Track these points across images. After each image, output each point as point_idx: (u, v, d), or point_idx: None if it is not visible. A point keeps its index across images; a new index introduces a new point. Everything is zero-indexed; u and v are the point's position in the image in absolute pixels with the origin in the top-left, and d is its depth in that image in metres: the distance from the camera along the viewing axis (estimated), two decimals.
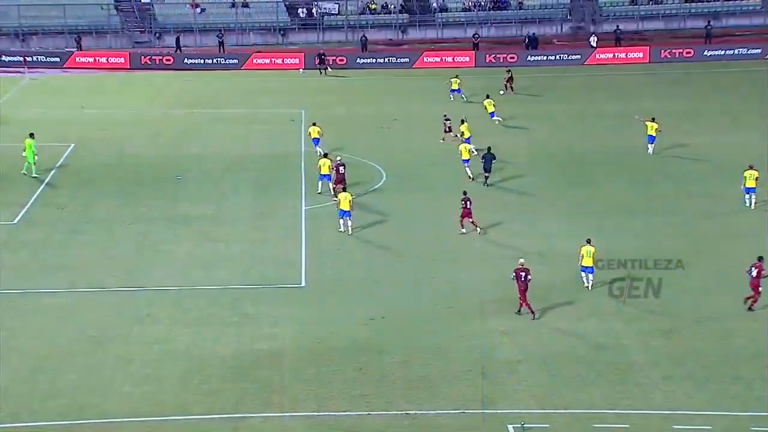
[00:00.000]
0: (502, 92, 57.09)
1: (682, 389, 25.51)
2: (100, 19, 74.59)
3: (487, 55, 70.03)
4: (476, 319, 29.47)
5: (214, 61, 68.60)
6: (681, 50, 69.68)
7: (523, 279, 29.30)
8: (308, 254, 34.22)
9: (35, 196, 39.81)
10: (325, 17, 79.09)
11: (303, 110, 54.48)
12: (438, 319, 29.53)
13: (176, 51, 70.31)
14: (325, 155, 41.26)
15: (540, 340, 28.18)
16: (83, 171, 43.46)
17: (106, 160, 45.31)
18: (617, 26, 75.28)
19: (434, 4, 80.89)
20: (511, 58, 68.82)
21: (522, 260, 29.89)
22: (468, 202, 35.95)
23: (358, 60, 68.42)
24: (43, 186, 41.08)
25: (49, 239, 35.38)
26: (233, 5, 77.76)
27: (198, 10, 76.80)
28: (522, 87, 59.40)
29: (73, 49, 70.03)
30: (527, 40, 72.73)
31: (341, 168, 39.94)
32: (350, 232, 35.92)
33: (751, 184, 38.02)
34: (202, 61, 68.28)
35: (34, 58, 66.75)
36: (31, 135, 42.96)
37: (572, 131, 51.12)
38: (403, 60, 69.24)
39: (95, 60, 67.74)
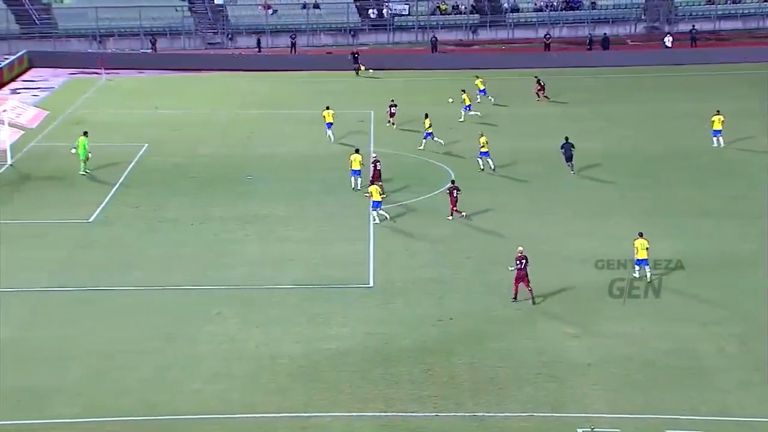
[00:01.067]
0: (476, 100, 54.98)
1: (760, 395, 24.83)
2: (174, 20, 75.76)
3: (557, 56, 69.40)
4: (545, 322, 29.12)
5: (286, 61, 69.11)
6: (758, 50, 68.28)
7: (522, 267, 29.81)
8: (376, 254, 34.20)
9: (110, 195, 40.49)
10: (396, 18, 79.14)
11: (371, 111, 54.55)
12: (506, 321, 29.25)
13: (258, 51, 71.02)
14: (357, 151, 41.23)
15: (610, 343, 27.72)
16: (156, 171, 44.08)
17: (178, 160, 45.92)
18: (693, 26, 73.98)
19: (505, 5, 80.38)
20: (589, 59, 68.07)
21: (521, 248, 30.32)
22: (456, 191, 37.00)
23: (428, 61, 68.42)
24: (117, 186, 41.77)
25: (123, 238, 35.93)
26: (304, 6, 78.28)
27: (270, 11, 77.49)
28: (592, 88, 58.64)
29: (148, 50, 71.25)
30: (589, 41, 71.91)
31: (378, 164, 40.12)
32: (378, 221, 36.57)
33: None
34: (275, 61, 68.74)
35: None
36: (85, 133, 43.81)
37: (644, 132, 50.32)
38: (472, 60, 69.00)
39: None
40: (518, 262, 30.08)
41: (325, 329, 28.72)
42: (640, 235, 31.64)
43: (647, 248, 31.25)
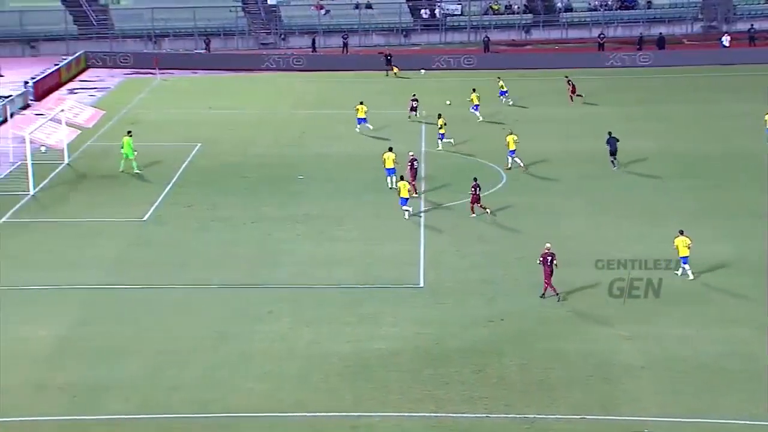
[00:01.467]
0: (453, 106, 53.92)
1: None
2: (228, 21, 76.49)
3: (610, 55, 68.79)
4: (597, 323, 28.89)
5: (338, 62, 69.38)
6: None
7: (549, 263, 29.98)
8: (426, 255, 34.18)
9: (163, 194, 40.97)
10: (448, 18, 79.04)
11: (424, 111, 54.52)
12: (557, 323, 29.06)
13: (312, 51, 71.40)
14: (390, 149, 41.23)
15: (664, 346, 27.41)
16: (209, 170, 44.51)
17: (231, 159, 46.33)
18: (751, 25, 72.82)
19: (559, 4, 79.87)
20: (644, 59, 67.37)
21: (548, 245, 30.39)
22: (478, 189, 37.19)
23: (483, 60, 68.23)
24: (170, 185, 42.25)
25: (176, 236, 36.34)
26: (357, 7, 78.53)
27: (323, 11, 77.85)
28: (647, 88, 57.99)
29: (202, 51, 72.02)
30: (639, 41, 71.13)
31: (415, 163, 40.23)
32: (407, 217, 37.00)
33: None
34: (327, 61, 69.05)
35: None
36: (129, 133, 44.49)
37: (699, 132, 49.69)
38: (525, 60, 68.67)
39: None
40: (542, 258, 30.20)
41: (375, 329, 28.77)
42: (681, 233, 31.59)
43: (689, 246, 31.19)
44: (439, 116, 47.51)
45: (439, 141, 46.96)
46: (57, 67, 63.80)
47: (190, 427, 23.75)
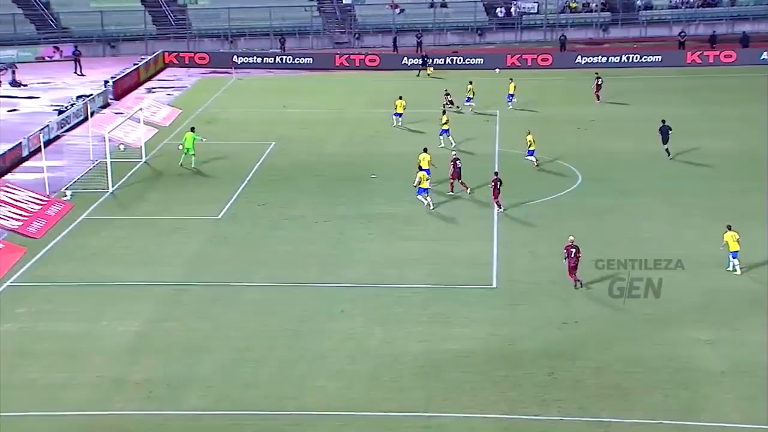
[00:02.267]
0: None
1: None
2: (303, 20, 77.15)
3: (690, 53, 67.60)
4: (676, 328, 28.44)
5: (413, 62, 69.44)
6: None
7: (573, 255, 30.74)
8: (500, 255, 34.04)
9: (238, 192, 41.49)
10: (524, 16, 78.56)
11: (497, 111, 54.34)
12: (634, 326, 28.69)
13: (394, 51, 71.62)
14: (425, 150, 41.11)
15: (745, 351, 26.86)
16: (283, 169, 44.94)
17: (305, 158, 46.71)
18: None
19: (638, 2, 78.77)
20: (727, 56, 66.11)
21: (572, 237, 31.25)
22: (499, 183, 37.60)
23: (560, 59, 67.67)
24: (245, 183, 42.78)
25: (251, 234, 36.77)
26: (432, 5, 78.52)
27: (397, 10, 78.02)
28: (730, 87, 56.84)
29: (277, 50, 72.78)
30: (711, 38, 69.68)
31: (458, 162, 40.13)
32: (432, 207, 37.84)
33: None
34: (408, 61, 69.13)
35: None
36: (192, 129, 45.33)
37: None
38: (602, 59, 67.90)
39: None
40: (566, 251, 30.83)
41: (447, 329, 28.75)
42: (729, 228, 31.79)
43: (738, 240, 31.30)
44: (444, 113, 48.09)
45: (449, 137, 46.99)
46: (136, 66, 65.09)
47: (264, 424, 24.02)
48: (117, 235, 36.69)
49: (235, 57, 69.80)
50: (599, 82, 55.95)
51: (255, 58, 70.50)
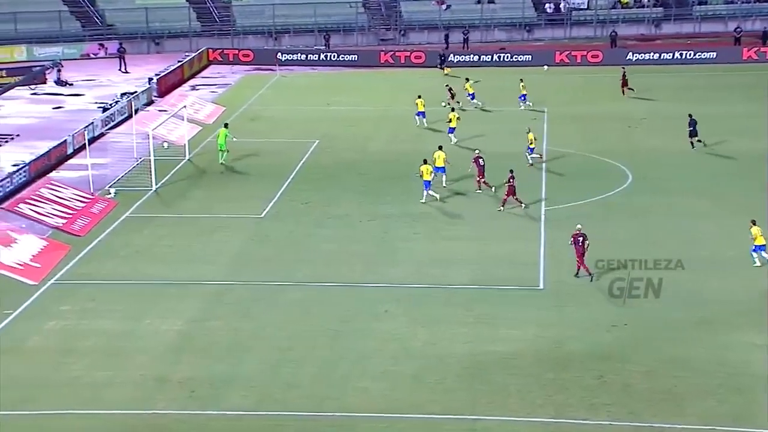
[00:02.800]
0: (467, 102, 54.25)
1: None
2: (348, 17, 77.27)
3: (746, 50, 66.60)
4: (729, 331, 28.02)
5: (459, 58, 69.26)
6: None
7: (580, 243, 31.14)
8: (546, 255, 33.78)
9: (281, 190, 41.63)
10: (573, 12, 77.97)
11: (545, 108, 53.99)
12: (686, 329, 28.31)
13: (445, 48, 71.36)
14: (440, 147, 41.14)
15: None
16: (327, 167, 45.02)
17: (349, 156, 46.74)
18: None
19: None
20: None
21: (579, 226, 31.78)
22: (513, 180, 37.64)
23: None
24: (288, 181, 42.91)
25: (294, 233, 36.87)
26: (479, 1, 78.21)
27: (443, 6, 77.83)
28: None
29: (322, 47, 72.99)
30: (764, 35, 68.49)
31: (480, 160, 40.07)
32: (438, 198, 38.62)
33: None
34: (455, 59, 68.96)
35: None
36: (226, 125, 45.78)
37: None
38: (654, 56, 67.18)
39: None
40: (573, 239, 31.32)
41: (492, 330, 28.59)
42: (753, 222, 32.29)
43: (762, 234, 31.66)
44: (452, 109, 48.52)
45: (451, 135, 47.20)
46: (180, 63, 65.61)
47: (306, 425, 24.06)
48: (160, 233, 36.99)
49: (280, 54, 70.09)
50: (625, 77, 56.03)
51: (299, 55, 70.74)
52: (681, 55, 67.12)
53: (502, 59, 68.49)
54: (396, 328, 28.83)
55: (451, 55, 69.43)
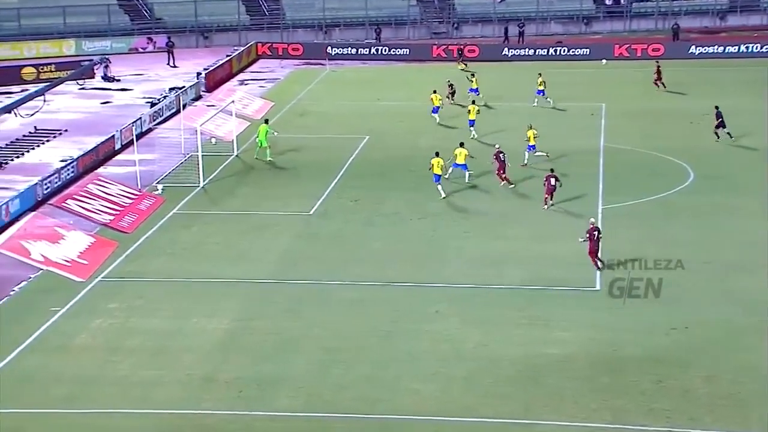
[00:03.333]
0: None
1: None
2: (400, 10, 77.32)
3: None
4: None
5: (513, 52, 68.97)
6: None
7: (595, 239, 31.69)
8: (603, 255, 33.46)
9: (330, 187, 41.81)
10: (634, 4, 77.25)
11: (603, 104, 53.59)
12: (750, 333, 27.96)
13: (504, 41, 71.09)
14: (461, 144, 41.44)
15: None
16: (377, 164, 45.11)
17: (399, 152, 46.78)
18: None
19: None
20: None
21: (593, 219, 32.73)
22: (555, 180, 37.85)
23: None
24: (338, 178, 43.09)
25: (342, 231, 37.03)
26: None
27: None
28: None
29: (373, 40, 73.14)
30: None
31: (501, 156, 40.27)
32: (443, 196, 39.05)
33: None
34: (508, 52, 68.74)
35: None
36: (266, 121, 46.36)
37: None
38: (718, 49, 66.34)
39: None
40: (588, 234, 31.76)
41: (547, 332, 28.48)
42: None
43: None
44: (473, 102, 48.99)
45: (471, 128, 47.73)
46: (228, 57, 66.20)
47: (356, 427, 24.16)
48: (207, 230, 37.38)
49: (329, 48, 70.38)
50: (659, 71, 55.82)
51: (349, 48, 70.97)
52: (747, 48, 66.16)
53: (558, 53, 68.10)
54: (447, 329, 28.85)
55: (506, 49, 69.17)
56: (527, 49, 69.21)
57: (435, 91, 51.40)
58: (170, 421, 24.45)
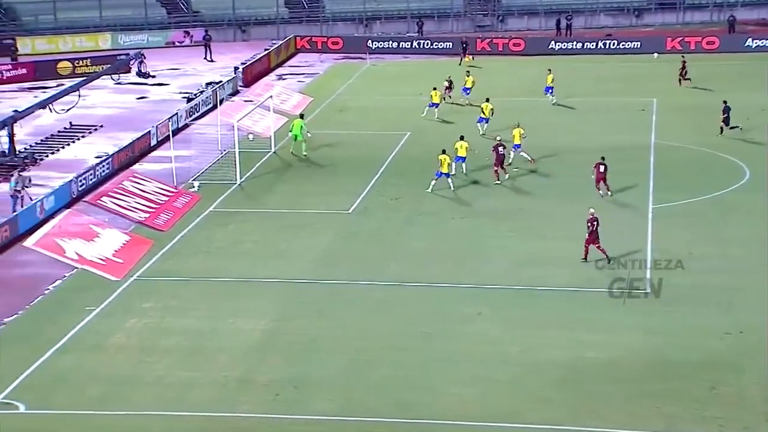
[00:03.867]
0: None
1: None
2: (443, 2, 77.17)
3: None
4: None
5: (560, 46, 68.58)
6: None
7: (594, 229, 32.43)
8: (653, 256, 33.21)
9: (370, 185, 41.80)
10: None
11: (654, 99, 53.09)
12: None
13: (557, 34, 70.70)
14: (461, 138, 41.66)
15: None
16: (418, 160, 44.93)
17: (441, 149, 46.51)
18: None
19: None
20: None
21: (592, 210, 33.05)
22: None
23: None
24: (378, 175, 43.06)
25: (382, 230, 37.00)
26: None
27: None
28: None
29: (414, 34, 73.03)
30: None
31: (500, 148, 40.69)
32: (452, 188, 39.72)
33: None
34: (555, 45, 68.40)
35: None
36: (301, 116, 46.89)
37: None
38: None
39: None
40: (589, 224, 32.35)
41: (594, 336, 28.25)
42: None
43: None
44: (487, 99, 48.34)
45: (478, 125, 47.60)
46: (266, 51, 66.45)
47: (396, 431, 24.10)
48: (244, 228, 37.53)
49: (370, 41, 70.37)
50: (685, 67, 55.38)
51: (390, 42, 70.93)
52: None
53: (607, 46, 67.59)
54: (489, 332, 28.72)
55: (553, 42, 68.74)
56: (575, 43, 68.74)
57: (435, 88, 51.02)
58: (205, 424, 24.55)
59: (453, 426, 24.18)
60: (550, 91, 53.05)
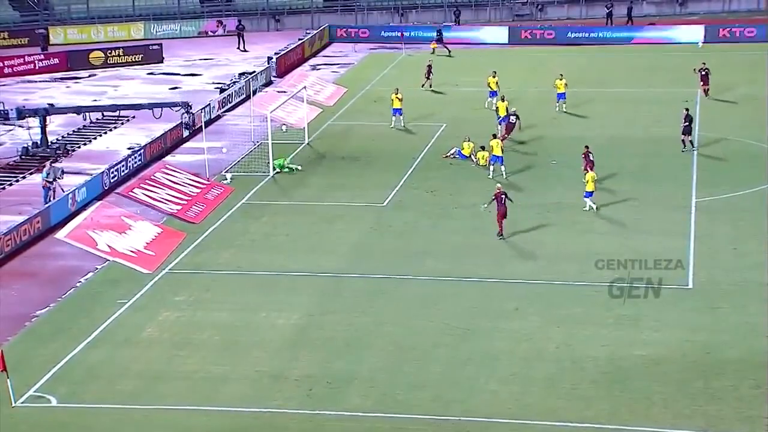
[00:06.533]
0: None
1: None
2: None
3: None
4: None
5: (600, 34, 68.11)
6: None
7: (503, 203, 33.93)
8: (697, 251, 32.95)
9: (405, 177, 41.73)
10: None
11: (698, 90, 52.54)
12: None
13: (607, 24, 70.29)
14: (467, 139, 43.06)
15: None
16: None
17: (477, 141, 46.32)
18: None
19: None
20: None
21: (499, 185, 34.81)
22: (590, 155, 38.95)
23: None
24: (413, 168, 42.99)
25: (418, 223, 36.95)
26: None
27: None
28: None
29: (450, 23, 72.78)
30: None
31: (512, 117, 42.79)
32: (497, 175, 40.01)
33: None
34: (587, 34, 68.04)
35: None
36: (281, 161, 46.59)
37: None
38: None
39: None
40: (494, 197, 33.93)
41: (635, 333, 28.08)
42: None
43: None
44: (503, 98, 47.76)
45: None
46: (300, 41, 66.50)
47: (429, 428, 24.10)
48: (277, 221, 37.62)
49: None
50: (704, 73, 51.37)
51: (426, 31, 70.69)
52: None
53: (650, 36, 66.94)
54: (527, 328, 28.62)
55: (603, 30, 68.31)
56: (614, 33, 68.18)
57: (398, 90, 49.11)
58: (238, 419, 24.66)
59: (488, 423, 24.13)
60: (563, 97, 51.87)
